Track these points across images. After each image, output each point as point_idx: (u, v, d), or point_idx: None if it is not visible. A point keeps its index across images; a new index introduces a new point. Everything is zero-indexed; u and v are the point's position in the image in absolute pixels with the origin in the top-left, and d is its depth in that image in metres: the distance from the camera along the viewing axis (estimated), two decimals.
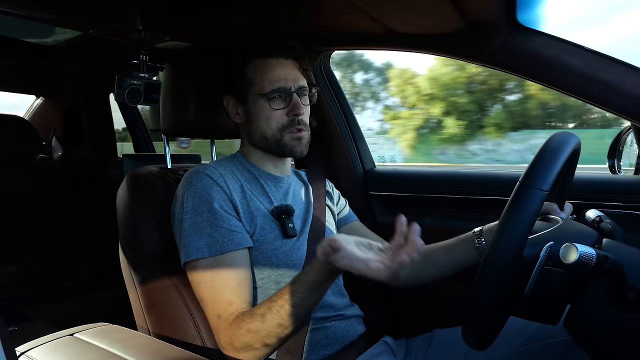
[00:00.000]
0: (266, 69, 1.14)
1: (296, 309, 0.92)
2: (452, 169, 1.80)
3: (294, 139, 1.15)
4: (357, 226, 1.37)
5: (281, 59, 1.15)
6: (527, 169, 0.75)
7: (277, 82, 1.13)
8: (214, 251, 1.02)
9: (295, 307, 0.92)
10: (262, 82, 1.13)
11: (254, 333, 0.95)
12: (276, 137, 1.15)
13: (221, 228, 1.04)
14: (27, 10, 1.21)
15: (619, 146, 1.51)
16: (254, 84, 1.15)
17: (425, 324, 1.30)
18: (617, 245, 0.78)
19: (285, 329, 0.93)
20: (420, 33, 1.26)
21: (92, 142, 2.56)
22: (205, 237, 1.03)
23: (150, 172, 1.25)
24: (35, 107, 2.72)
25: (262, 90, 1.13)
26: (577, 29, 22.84)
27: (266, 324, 0.94)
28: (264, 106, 1.13)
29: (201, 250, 1.03)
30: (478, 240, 1.16)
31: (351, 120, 1.77)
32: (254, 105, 1.15)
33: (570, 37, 1.06)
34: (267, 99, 1.13)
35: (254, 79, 1.14)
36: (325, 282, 0.91)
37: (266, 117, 1.14)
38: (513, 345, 1.09)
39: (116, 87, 1.27)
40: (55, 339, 0.95)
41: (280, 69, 1.14)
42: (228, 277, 1.01)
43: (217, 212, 1.05)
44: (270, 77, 1.13)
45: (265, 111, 1.14)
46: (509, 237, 0.71)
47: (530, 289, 0.73)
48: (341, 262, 0.81)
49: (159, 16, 1.27)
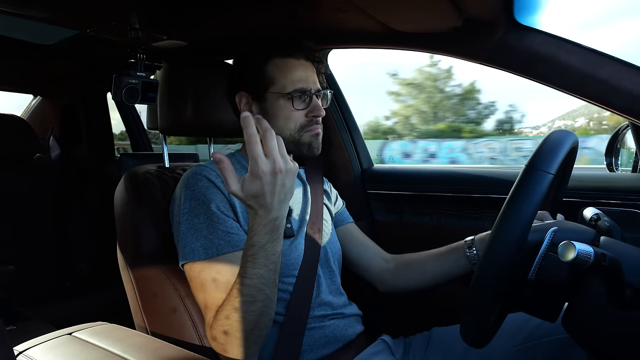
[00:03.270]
0: (287, 68, 1.13)
1: (253, 280, 0.90)
2: (450, 168, 1.80)
3: (313, 135, 1.14)
4: (351, 229, 1.38)
5: (302, 60, 1.15)
6: (533, 153, 0.75)
7: (299, 82, 1.12)
8: (210, 253, 1.02)
9: (252, 278, 0.90)
10: (284, 82, 1.12)
11: (228, 322, 0.93)
12: (294, 137, 1.14)
13: (217, 230, 1.03)
14: (24, 9, 1.21)
15: (616, 144, 1.51)
16: (274, 82, 1.13)
17: (424, 323, 1.30)
18: (615, 243, 0.78)
19: (250, 305, 0.91)
20: (418, 31, 1.26)
21: (89, 141, 2.55)
22: (201, 239, 1.03)
23: (148, 171, 1.25)
24: (33, 106, 2.72)
25: (283, 89, 1.12)
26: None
27: (231, 307, 0.92)
28: (285, 105, 1.13)
29: (197, 252, 1.02)
30: (469, 250, 1.16)
31: (349, 119, 1.77)
32: (272, 104, 1.14)
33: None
34: (287, 99, 1.12)
35: (275, 77, 1.13)
36: (265, 242, 0.89)
37: (285, 117, 1.13)
38: (511, 343, 1.09)
39: (114, 86, 1.26)
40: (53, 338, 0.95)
41: (302, 70, 1.14)
42: (223, 279, 1.00)
43: (214, 214, 1.04)
44: (292, 77, 1.12)
45: (286, 111, 1.13)
46: (515, 219, 0.71)
47: (533, 274, 0.73)
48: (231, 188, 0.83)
49: (157, 15, 1.27)
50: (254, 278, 0.90)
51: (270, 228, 0.88)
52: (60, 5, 1.19)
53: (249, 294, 0.91)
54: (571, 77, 1.07)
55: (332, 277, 1.22)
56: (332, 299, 1.19)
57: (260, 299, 0.92)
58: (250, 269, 0.90)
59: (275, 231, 0.89)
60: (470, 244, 1.17)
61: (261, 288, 0.91)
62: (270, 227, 0.88)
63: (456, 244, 1.20)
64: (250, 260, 0.90)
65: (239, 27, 1.38)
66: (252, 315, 0.92)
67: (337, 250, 1.27)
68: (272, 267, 0.91)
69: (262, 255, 0.90)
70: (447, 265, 1.20)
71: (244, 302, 0.91)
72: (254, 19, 1.32)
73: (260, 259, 0.90)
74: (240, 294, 0.91)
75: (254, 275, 0.90)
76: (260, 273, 0.90)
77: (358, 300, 1.29)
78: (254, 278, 0.90)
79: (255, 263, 0.90)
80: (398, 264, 1.30)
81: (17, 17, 1.28)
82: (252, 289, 0.90)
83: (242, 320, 0.92)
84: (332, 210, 1.35)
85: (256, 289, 0.91)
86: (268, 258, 0.90)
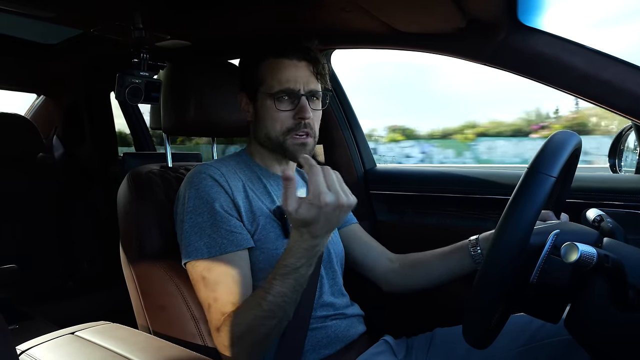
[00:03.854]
0: (278, 69, 1.12)
1: (276, 298, 0.91)
2: (452, 168, 1.80)
3: (297, 144, 1.12)
4: (355, 229, 1.37)
5: (294, 60, 1.13)
6: (535, 156, 0.75)
7: (287, 82, 1.11)
8: (214, 252, 1.02)
9: (275, 296, 0.91)
10: (272, 82, 1.12)
11: (239, 329, 0.94)
12: (279, 139, 1.13)
13: (221, 229, 1.04)
14: (28, 8, 1.21)
15: (619, 145, 1.51)
16: (264, 82, 1.13)
17: (426, 323, 1.30)
18: (618, 244, 0.78)
19: (267, 320, 0.93)
20: (422, 32, 1.26)
21: (93, 140, 2.56)
22: (205, 238, 1.03)
23: (151, 171, 1.25)
24: (36, 105, 2.72)
25: (270, 89, 1.12)
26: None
27: (249, 317, 0.94)
28: (271, 106, 1.12)
29: (200, 250, 1.03)
30: (474, 249, 1.16)
31: (352, 119, 1.77)
32: (261, 104, 1.14)
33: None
34: (273, 99, 1.11)
35: (265, 77, 1.13)
36: (300, 265, 0.90)
37: (272, 118, 1.12)
38: (514, 345, 1.09)
39: (117, 85, 1.26)
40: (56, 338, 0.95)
41: (292, 70, 1.12)
42: (227, 278, 1.01)
43: (218, 213, 1.05)
44: (280, 78, 1.11)
45: (272, 111, 1.12)
46: (517, 222, 0.71)
47: (535, 277, 0.73)
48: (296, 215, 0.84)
49: (160, 15, 1.27)
50: (278, 297, 0.91)
51: (310, 253, 0.90)
52: (64, 4, 1.19)
53: (270, 310, 0.92)
54: (574, 78, 1.07)
55: (334, 278, 1.22)
56: (334, 300, 1.19)
57: (279, 315, 0.93)
58: (277, 287, 0.91)
59: (313, 257, 0.91)
60: (475, 243, 1.17)
61: (283, 306, 0.92)
62: (310, 253, 0.90)
63: (460, 243, 1.20)
64: (279, 279, 0.91)
65: (242, 27, 1.38)
66: (266, 328, 0.94)
67: (339, 251, 1.27)
68: (298, 289, 0.93)
69: (293, 277, 0.91)
70: (451, 265, 1.20)
71: (262, 317, 0.93)
72: (257, 19, 1.32)
73: (290, 280, 0.91)
74: (260, 308, 0.93)
75: (278, 294, 0.91)
76: (286, 293, 0.91)
77: (360, 300, 1.29)
78: (277, 296, 0.91)
79: (285, 283, 0.91)
80: (403, 263, 1.30)
81: (21, 17, 1.28)
82: (273, 306, 0.92)
83: (256, 330, 0.94)
84: None
85: (278, 306, 0.92)
86: (298, 281, 0.91)
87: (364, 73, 15.50)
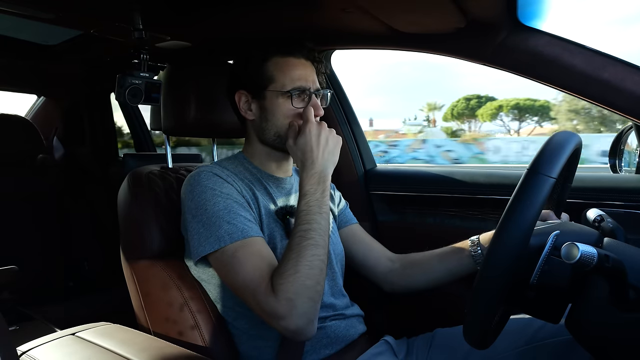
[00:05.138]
0: (288, 67, 1.13)
1: (311, 224, 1.00)
2: (453, 169, 1.80)
3: None
4: (356, 230, 1.37)
5: (302, 59, 1.15)
6: (535, 157, 0.75)
7: (299, 80, 1.12)
8: (236, 237, 1.01)
9: (309, 223, 1.00)
10: (284, 80, 1.13)
11: (292, 281, 0.93)
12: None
13: (239, 215, 1.03)
14: (28, 9, 1.21)
15: (620, 145, 1.51)
16: (274, 80, 1.13)
17: (427, 323, 1.30)
18: (619, 244, 0.78)
19: (314, 249, 0.97)
20: (422, 32, 1.26)
21: (93, 141, 2.56)
22: (224, 225, 1.02)
23: (151, 172, 1.25)
24: (36, 106, 2.72)
25: (282, 87, 1.12)
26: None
27: (299, 251, 0.96)
28: (284, 103, 1.13)
29: (222, 238, 1.01)
30: (474, 249, 1.16)
31: (352, 119, 1.77)
32: (272, 101, 1.14)
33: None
34: (287, 97, 1.12)
35: (275, 75, 1.13)
36: (314, 190, 1.04)
37: (284, 115, 1.13)
38: (514, 345, 1.09)
39: (117, 86, 1.26)
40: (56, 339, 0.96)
41: (302, 69, 1.14)
42: (254, 258, 1.00)
43: (234, 202, 1.05)
44: (292, 75, 1.12)
45: (284, 109, 1.13)
46: (517, 223, 0.71)
47: (535, 278, 0.73)
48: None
49: (160, 16, 1.27)
50: (312, 222, 1.00)
51: (317, 179, 1.04)
52: (64, 5, 1.19)
53: (312, 238, 0.98)
54: (574, 78, 1.07)
55: (334, 279, 1.22)
56: (334, 301, 1.19)
57: (322, 244, 0.99)
58: (305, 215, 1.01)
59: (322, 183, 1.05)
60: (475, 243, 1.17)
61: (319, 232, 1.00)
62: (316, 178, 1.04)
63: (461, 244, 1.20)
64: (305, 209, 1.02)
65: (242, 28, 1.38)
66: (318, 261, 0.97)
67: (340, 251, 1.27)
68: (324, 216, 1.02)
69: (314, 202, 1.02)
70: (452, 265, 1.20)
71: (309, 246, 0.97)
72: (257, 20, 1.32)
73: (313, 206, 1.02)
74: (304, 238, 0.98)
75: (311, 220, 1.00)
76: (315, 219, 1.01)
77: (361, 301, 1.29)
78: (312, 222, 1.00)
79: (310, 209, 1.02)
80: (404, 264, 1.30)
81: (21, 18, 1.28)
82: (313, 233, 0.99)
83: (309, 267, 0.95)
84: (335, 211, 1.35)
85: (316, 232, 0.99)
86: (320, 206, 1.02)
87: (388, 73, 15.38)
